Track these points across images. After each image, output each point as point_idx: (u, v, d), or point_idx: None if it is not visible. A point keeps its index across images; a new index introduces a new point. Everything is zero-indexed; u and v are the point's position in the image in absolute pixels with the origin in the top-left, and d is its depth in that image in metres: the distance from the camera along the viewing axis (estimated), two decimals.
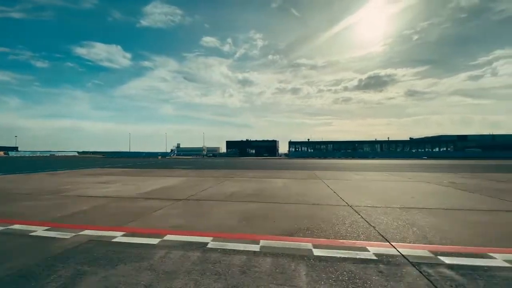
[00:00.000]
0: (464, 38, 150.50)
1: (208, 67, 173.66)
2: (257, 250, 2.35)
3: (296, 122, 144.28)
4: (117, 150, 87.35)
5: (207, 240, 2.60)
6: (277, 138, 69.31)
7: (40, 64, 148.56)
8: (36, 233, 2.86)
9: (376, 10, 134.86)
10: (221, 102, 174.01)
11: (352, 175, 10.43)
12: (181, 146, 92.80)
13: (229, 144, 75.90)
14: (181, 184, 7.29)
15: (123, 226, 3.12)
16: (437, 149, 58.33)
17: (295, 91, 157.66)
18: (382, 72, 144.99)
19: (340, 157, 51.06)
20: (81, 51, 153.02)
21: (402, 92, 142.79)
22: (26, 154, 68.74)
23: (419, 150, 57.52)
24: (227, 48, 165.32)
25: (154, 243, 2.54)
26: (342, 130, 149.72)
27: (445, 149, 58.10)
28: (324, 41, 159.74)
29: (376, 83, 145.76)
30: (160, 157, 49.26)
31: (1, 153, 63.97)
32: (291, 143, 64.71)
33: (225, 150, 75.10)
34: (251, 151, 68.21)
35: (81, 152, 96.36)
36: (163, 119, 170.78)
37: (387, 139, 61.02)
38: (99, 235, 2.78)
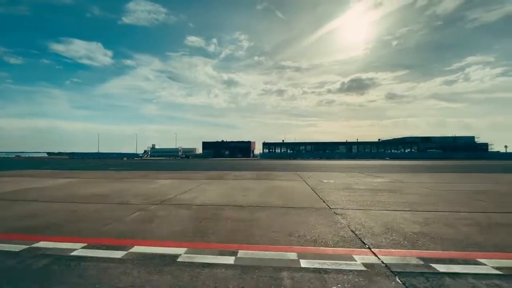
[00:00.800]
0: (440, 45, 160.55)
1: (193, 67, 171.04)
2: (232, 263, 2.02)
3: (282, 123, 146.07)
4: (87, 151, 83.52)
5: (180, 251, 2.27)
6: (263, 139, 69.29)
7: (13, 60, 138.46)
8: None
9: (358, 16, 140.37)
10: (206, 102, 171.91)
11: (292, 175, 10.55)
12: (156, 147, 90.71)
13: (205, 145, 74.96)
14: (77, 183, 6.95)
15: None
16: (402, 150, 61.24)
17: (280, 92, 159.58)
18: (363, 76, 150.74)
19: (308, 158, 52.07)
20: (58, 47, 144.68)
21: (383, 95, 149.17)
22: None
23: (386, 151, 60.16)
24: (212, 48, 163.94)
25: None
26: (326, 131, 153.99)
27: (409, 150, 61.12)
28: (308, 44, 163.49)
29: (358, 86, 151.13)
30: (125, 159, 47.43)
31: None
32: (264, 144, 65.12)
33: (202, 151, 74.13)
34: (226, 152, 67.78)
35: (51, 153, 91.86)
36: (146, 119, 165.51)
37: (356, 141, 63.22)
38: None
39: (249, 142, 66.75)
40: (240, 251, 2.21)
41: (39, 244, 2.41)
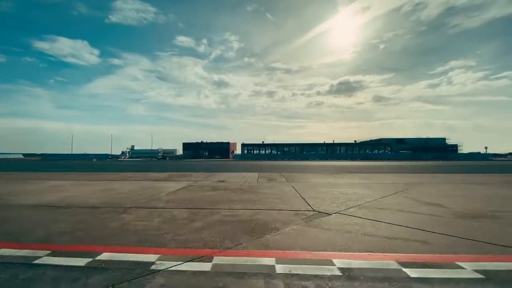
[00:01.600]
0: (424, 49, 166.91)
1: (183, 67, 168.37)
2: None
3: (272, 124, 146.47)
4: (62, 153, 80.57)
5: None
6: (253, 140, 68.92)
7: None
8: None
9: (346, 20, 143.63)
10: (196, 103, 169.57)
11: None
12: (136, 148, 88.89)
13: (185, 146, 74.25)
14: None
15: None
16: (377, 151, 63.10)
17: (270, 94, 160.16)
18: (351, 78, 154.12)
19: (283, 159, 52.61)
20: (42, 45, 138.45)
21: (370, 97, 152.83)
22: None
23: (360, 152, 61.78)
24: (202, 49, 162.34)
25: None
26: (316, 132, 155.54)
27: (383, 151, 63.06)
28: (298, 46, 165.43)
29: (346, 88, 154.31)
30: (95, 160, 46.11)
31: None
32: (243, 145, 65.21)
33: (182, 152, 73.28)
34: (205, 153, 67.33)
35: (26, 155, 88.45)
36: (134, 119, 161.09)
37: (332, 142, 64.55)
38: None
39: (227, 143, 66.63)
40: None
41: None
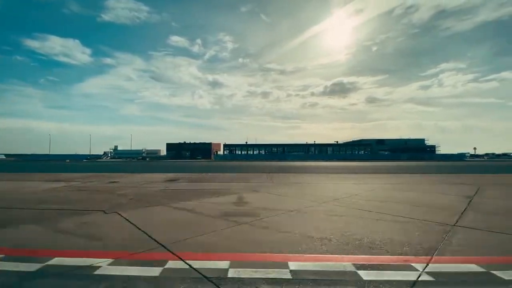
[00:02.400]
0: (416, 51, 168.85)
1: (177, 67, 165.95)
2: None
3: (267, 125, 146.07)
4: (43, 153, 78.69)
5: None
6: (247, 141, 68.59)
7: None
8: None
9: (340, 22, 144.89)
10: (191, 103, 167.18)
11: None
12: (119, 149, 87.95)
13: (169, 146, 73.66)
14: None
15: None
16: (357, 152, 64.05)
17: (265, 94, 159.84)
18: (345, 80, 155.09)
19: (262, 159, 52.71)
20: (33, 43, 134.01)
21: (363, 98, 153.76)
22: None
23: (341, 152, 62.56)
24: (196, 49, 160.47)
25: None
26: (310, 133, 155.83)
27: (363, 151, 64.08)
28: (292, 47, 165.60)
29: (340, 89, 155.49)
30: (68, 161, 45.07)
31: None
32: (225, 146, 65.03)
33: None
34: (187, 153, 66.83)
35: (9, 155, 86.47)
36: (128, 119, 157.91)
37: (313, 142, 65.13)
38: None
39: (209, 144, 66.30)
40: None
41: None
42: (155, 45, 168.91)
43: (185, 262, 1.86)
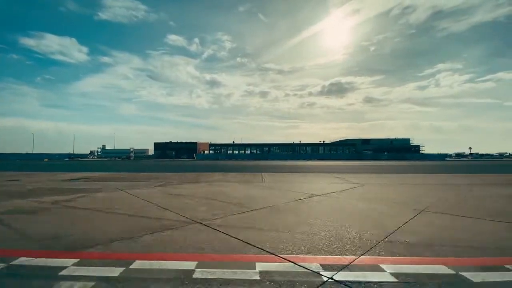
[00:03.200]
0: (413, 52, 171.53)
1: (174, 66, 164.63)
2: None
3: (264, 124, 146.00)
4: (23, 152, 77.27)
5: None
6: (245, 140, 68.34)
7: None
8: None
9: (337, 22, 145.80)
10: (188, 102, 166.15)
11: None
12: (107, 148, 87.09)
13: (156, 145, 73.31)
14: None
15: None
16: (341, 151, 64.57)
17: (263, 94, 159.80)
18: (343, 80, 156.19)
19: (243, 159, 52.60)
20: (28, 42, 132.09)
21: (361, 98, 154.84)
22: None
23: (326, 152, 63.00)
24: (194, 48, 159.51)
25: None
26: (307, 133, 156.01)
27: (347, 151, 64.60)
28: (290, 47, 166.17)
29: (337, 89, 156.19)
30: (46, 159, 44.33)
31: None
32: (211, 145, 64.89)
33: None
34: (172, 152, 66.45)
35: None
36: (125, 119, 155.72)
37: (299, 142, 65.44)
38: None
39: (195, 143, 66.06)
40: None
41: None
42: (152, 44, 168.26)
43: None
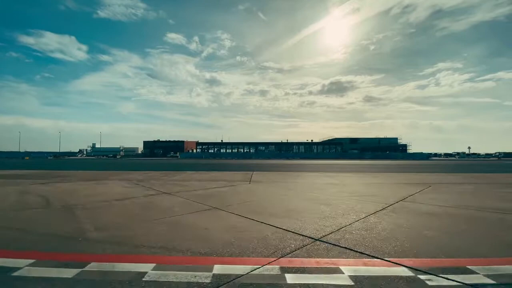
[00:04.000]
0: (413, 51, 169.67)
1: (174, 65, 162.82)
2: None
3: (264, 123, 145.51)
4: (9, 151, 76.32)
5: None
6: (245, 139, 68.11)
7: None
8: None
9: (337, 21, 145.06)
10: (188, 101, 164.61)
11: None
12: (97, 146, 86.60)
13: (145, 144, 73.18)
14: None
15: None
16: (328, 151, 65.13)
17: (263, 93, 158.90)
18: (343, 79, 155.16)
19: (227, 158, 52.70)
20: (27, 40, 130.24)
21: (361, 97, 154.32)
22: None
23: (313, 151, 63.49)
24: (193, 47, 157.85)
25: None
26: (307, 132, 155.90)
27: (334, 150, 65.20)
28: (289, 46, 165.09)
29: (337, 88, 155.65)
30: (27, 158, 43.86)
31: None
32: (198, 144, 64.84)
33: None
34: (160, 151, 66.31)
35: None
36: (124, 117, 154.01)
37: (286, 141, 65.81)
38: None
39: (182, 142, 66.03)
40: None
41: None
42: (152, 42, 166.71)
43: None
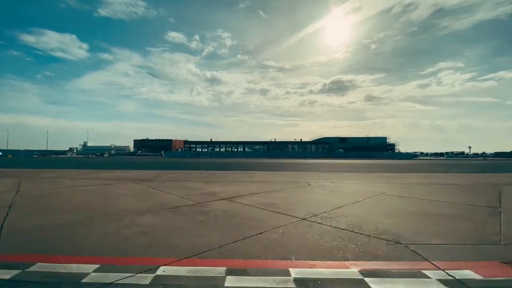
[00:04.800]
0: (414, 50, 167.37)
1: (174, 63, 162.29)
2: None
3: (264, 122, 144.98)
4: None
5: None
6: (245, 138, 68.14)
7: None
8: None
9: (338, 19, 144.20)
10: (188, 100, 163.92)
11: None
12: (89, 145, 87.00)
13: (135, 143, 73.52)
14: None
15: None
16: (316, 149, 65.29)
17: (263, 92, 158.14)
18: (344, 78, 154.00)
19: (212, 157, 52.90)
20: (28, 38, 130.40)
21: (362, 97, 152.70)
22: None
23: (300, 150, 63.66)
24: (194, 45, 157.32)
25: None
26: (307, 131, 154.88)
27: (321, 149, 65.35)
28: (290, 45, 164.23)
29: (338, 87, 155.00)
30: (10, 156, 44.06)
31: None
32: (186, 143, 65.01)
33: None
34: (147, 150, 66.55)
35: None
36: (125, 116, 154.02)
37: (274, 140, 65.95)
38: None
39: (170, 141, 66.22)
40: None
41: None
42: (152, 41, 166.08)
43: None
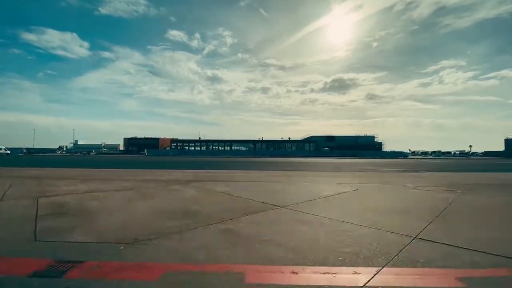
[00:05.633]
0: (416, 48, 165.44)
1: (175, 62, 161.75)
2: None
3: (266, 121, 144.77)
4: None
5: None
6: (246, 137, 68.68)
7: None
8: None
9: (339, 18, 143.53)
10: (189, 98, 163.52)
11: None
12: (80, 143, 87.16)
13: (125, 141, 73.77)
14: None
15: None
16: (301, 148, 65.73)
17: (265, 90, 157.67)
18: (345, 76, 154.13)
19: (195, 155, 53.13)
20: (29, 37, 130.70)
21: (363, 95, 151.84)
22: None
23: (287, 149, 64.07)
24: (195, 44, 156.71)
25: None
26: (308, 129, 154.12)
27: (308, 148, 65.83)
28: (291, 43, 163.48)
29: (339, 86, 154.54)
30: None
31: None
32: (173, 141, 65.17)
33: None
34: (135, 148, 66.72)
35: None
36: (126, 114, 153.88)
37: (261, 138, 66.30)
38: None
39: (157, 139, 66.39)
40: None
41: None
42: (153, 39, 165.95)
43: None
